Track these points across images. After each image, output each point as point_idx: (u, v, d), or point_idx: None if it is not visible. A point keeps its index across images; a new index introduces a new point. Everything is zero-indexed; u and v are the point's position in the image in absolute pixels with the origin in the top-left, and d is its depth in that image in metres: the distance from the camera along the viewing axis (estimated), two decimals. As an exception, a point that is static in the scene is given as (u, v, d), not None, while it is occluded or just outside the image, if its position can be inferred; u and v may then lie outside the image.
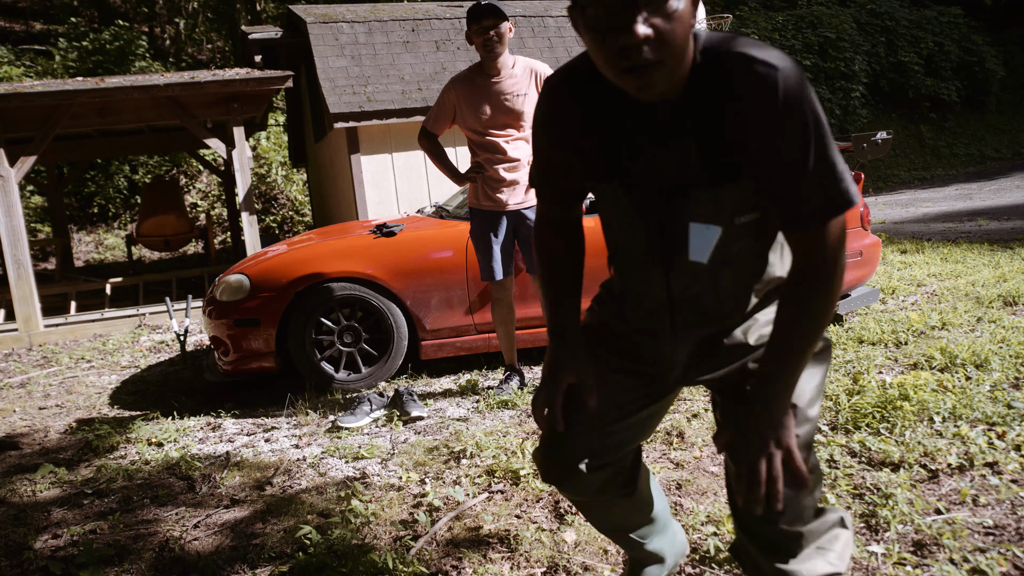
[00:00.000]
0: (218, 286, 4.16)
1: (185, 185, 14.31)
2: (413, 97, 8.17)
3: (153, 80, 7.19)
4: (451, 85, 3.66)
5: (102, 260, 13.13)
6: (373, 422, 3.55)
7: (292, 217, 14.12)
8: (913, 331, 4.18)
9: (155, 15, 17.87)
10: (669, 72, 1.14)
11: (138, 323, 7.13)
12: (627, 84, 1.15)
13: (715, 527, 2.20)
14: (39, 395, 4.79)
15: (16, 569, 2.35)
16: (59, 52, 13.99)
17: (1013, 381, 3.20)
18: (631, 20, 1.08)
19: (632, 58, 1.10)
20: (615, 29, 1.09)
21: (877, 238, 4.71)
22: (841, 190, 1.18)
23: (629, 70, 1.12)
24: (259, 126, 10.60)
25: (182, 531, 2.53)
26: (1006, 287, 4.90)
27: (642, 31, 1.08)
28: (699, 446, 2.88)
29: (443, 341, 4.27)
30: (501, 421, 3.39)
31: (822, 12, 18.00)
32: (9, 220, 6.76)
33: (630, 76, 1.13)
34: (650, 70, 1.12)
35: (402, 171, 8.35)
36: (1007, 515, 2.16)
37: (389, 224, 4.41)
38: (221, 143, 7.51)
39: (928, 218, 9.97)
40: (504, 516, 2.41)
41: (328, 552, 2.24)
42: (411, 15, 9.03)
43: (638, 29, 1.08)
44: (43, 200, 12.74)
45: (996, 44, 20.68)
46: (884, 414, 2.88)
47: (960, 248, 6.88)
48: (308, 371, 4.07)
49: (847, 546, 1.39)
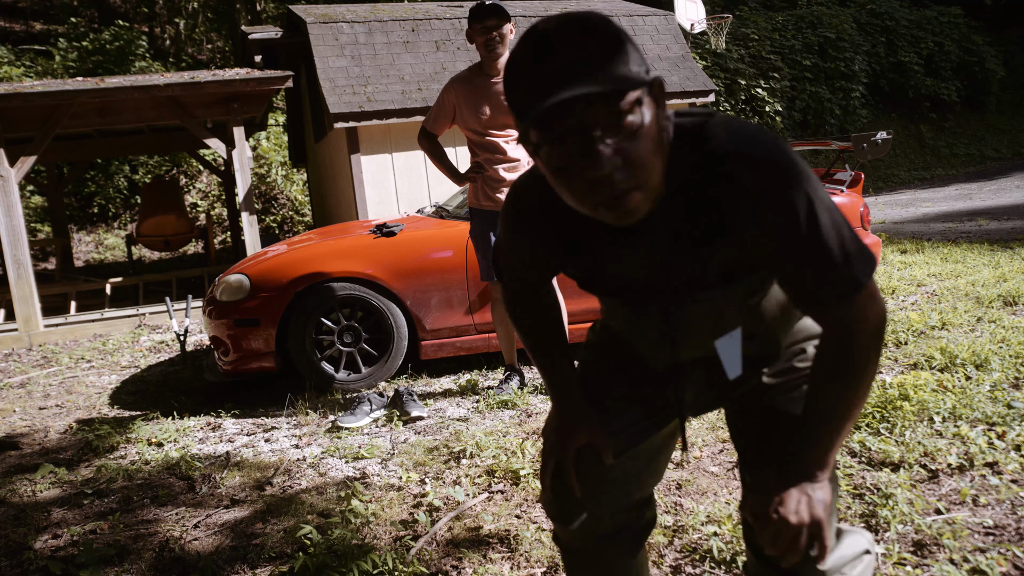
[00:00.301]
0: (218, 286, 4.16)
1: (185, 185, 14.31)
2: (413, 97, 8.18)
3: (153, 80, 7.20)
4: (451, 85, 3.66)
5: (102, 260, 13.12)
6: (373, 422, 3.55)
7: (292, 217, 14.12)
8: (913, 331, 4.18)
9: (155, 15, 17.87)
10: (648, 194, 1.04)
11: (138, 323, 7.13)
12: (605, 217, 1.05)
13: (715, 527, 2.20)
14: (39, 395, 4.79)
15: (16, 569, 2.35)
16: (59, 52, 13.99)
17: (1013, 381, 3.20)
18: (594, 151, 0.97)
19: (604, 191, 1.00)
20: (579, 164, 0.99)
21: (877, 238, 4.72)
22: (850, 274, 1.05)
23: (603, 203, 1.02)
24: (259, 126, 10.60)
25: (182, 531, 2.53)
26: (1006, 287, 4.90)
27: (609, 161, 0.98)
28: (699, 446, 2.88)
29: (443, 341, 4.27)
30: (501, 421, 3.39)
31: (822, 12, 18.00)
32: (9, 220, 6.76)
33: (606, 209, 1.02)
34: (626, 198, 1.01)
35: (402, 171, 8.35)
36: (1007, 515, 2.16)
37: (389, 224, 4.41)
38: (221, 143, 7.52)
39: (928, 218, 9.97)
40: (504, 516, 2.41)
41: (328, 552, 2.24)
42: (411, 15, 9.03)
43: (604, 159, 0.98)
44: (43, 200, 12.74)
45: (996, 44, 20.69)
46: (884, 414, 2.88)
47: (960, 248, 6.88)
48: (308, 371, 4.07)
49: (869, 567, 1.33)
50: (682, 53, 9.68)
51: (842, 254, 1.05)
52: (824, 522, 1.10)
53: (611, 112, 0.97)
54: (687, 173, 1.09)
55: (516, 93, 1.00)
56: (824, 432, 1.12)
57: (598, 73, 0.96)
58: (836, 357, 1.11)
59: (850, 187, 4.73)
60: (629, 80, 0.96)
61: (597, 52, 0.97)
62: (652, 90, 1.03)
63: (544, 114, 0.97)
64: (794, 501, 1.10)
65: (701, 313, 1.24)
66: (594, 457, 1.33)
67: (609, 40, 0.98)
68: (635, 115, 0.98)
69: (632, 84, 0.96)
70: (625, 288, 1.24)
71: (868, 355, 1.10)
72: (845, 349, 1.10)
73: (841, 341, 1.10)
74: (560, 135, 0.98)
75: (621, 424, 1.36)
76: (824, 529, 1.10)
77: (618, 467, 1.35)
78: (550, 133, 0.99)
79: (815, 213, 1.04)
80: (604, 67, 0.96)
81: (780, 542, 1.10)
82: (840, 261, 1.05)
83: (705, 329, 1.27)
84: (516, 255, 1.35)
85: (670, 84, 9.13)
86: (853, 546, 1.32)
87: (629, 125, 0.98)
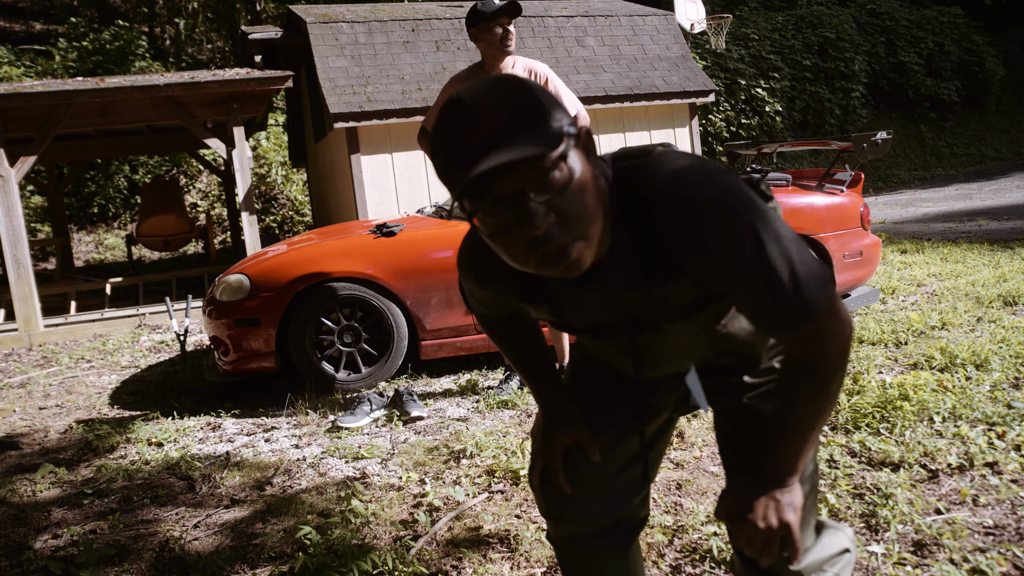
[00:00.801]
0: (218, 286, 4.16)
1: (185, 185, 14.31)
2: (413, 97, 8.18)
3: (153, 80, 7.20)
4: (450, 84, 3.66)
5: (102, 260, 13.13)
6: (373, 422, 3.55)
7: (292, 217, 14.12)
8: (913, 331, 4.18)
9: (155, 15, 17.88)
10: (591, 244, 1.04)
11: (138, 323, 7.13)
12: (551, 273, 1.05)
13: (715, 527, 2.20)
14: (39, 395, 4.79)
15: (16, 569, 2.35)
16: (59, 52, 13.99)
17: (1013, 381, 3.20)
18: (526, 212, 0.98)
19: (544, 248, 1.01)
20: (515, 226, 1.00)
21: (877, 238, 4.71)
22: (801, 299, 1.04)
23: (545, 261, 1.02)
24: (259, 126, 10.60)
25: (182, 531, 2.53)
26: (1006, 287, 4.90)
27: (543, 218, 0.99)
28: (699, 446, 2.88)
29: (443, 341, 4.27)
30: (501, 421, 3.39)
31: (822, 12, 18.01)
32: (9, 220, 6.76)
33: (550, 266, 1.03)
34: (568, 252, 1.02)
35: (402, 171, 8.35)
36: (1007, 515, 2.16)
37: (389, 224, 4.41)
38: (221, 143, 7.52)
39: (928, 218, 9.97)
40: (504, 516, 2.41)
41: (328, 552, 2.24)
42: (411, 15, 9.03)
43: (538, 219, 0.98)
44: (43, 200, 12.74)
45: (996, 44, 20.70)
46: (884, 414, 2.88)
47: (960, 248, 6.88)
48: (308, 371, 4.07)
49: (848, 566, 1.36)
50: (682, 53, 9.68)
51: (792, 282, 1.04)
52: (793, 525, 1.12)
53: (536, 172, 0.98)
54: (632, 216, 1.10)
55: (442, 165, 1.01)
56: (791, 440, 1.14)
57: (518, 137, 0.97)
58: (799, 373, 1.12)
59: (850, 187, 4.73)
60: (550, 139, 0.98)
61: (516, 117, 0.98)
62: (578, 142, 1.04)
63: (471, 184, 0.98)
64: (762, 507, 1.13)
65: (668, 342, 1.26)
66: (581, 456, 1.36)
67: (527, 103, 0.99)
68: (561, 171, 0.99)
69: (553, 142, 0.98)
70: (593, 327, 1.26)
71: (831, 370, 1.10)
72: (809, 366, 1.11)
73: (803, 359, 1.11)
74: (491, 201, 1.00)
75: (607, 422, 1.39)
76: (794, 532, 1.12)
77: (606, 465, 1.38)
78: (481, 201, 1.00)
79: (761, 243, 1.04)
80: (524, 131, 0.97)
81: (753, 545, 1.14)
82: (790, 288, 1.04)
83: (675, 354, 1.29)
84: (477, 300, 1.39)
85: (670, 84, 9.14)
86: (832, 545, 1.34)
87: (558, 181, 0.99)
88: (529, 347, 1.47)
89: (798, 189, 4.64)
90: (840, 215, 4.53)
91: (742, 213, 1.04)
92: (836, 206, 4.54)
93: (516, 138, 0.97)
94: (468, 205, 1.02)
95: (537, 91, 1.02)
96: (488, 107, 0.98)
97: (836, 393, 1.13)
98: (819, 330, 1.07)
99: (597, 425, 1.39)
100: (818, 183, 4.72)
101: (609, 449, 1.38)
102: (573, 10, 9.67)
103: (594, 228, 1.04)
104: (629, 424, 1.40)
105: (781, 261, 1.04)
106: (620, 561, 1.44)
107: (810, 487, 1.27)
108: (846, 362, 1.11)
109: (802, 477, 1.20)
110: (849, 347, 1.11)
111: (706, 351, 1.31)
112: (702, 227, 1.04)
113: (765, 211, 1.06)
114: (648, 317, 1.20)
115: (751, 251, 1.03)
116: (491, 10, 3.43)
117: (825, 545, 1.33)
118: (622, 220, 1.11)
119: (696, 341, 1.28)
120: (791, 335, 1.09)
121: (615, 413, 1.40)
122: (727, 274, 1.06)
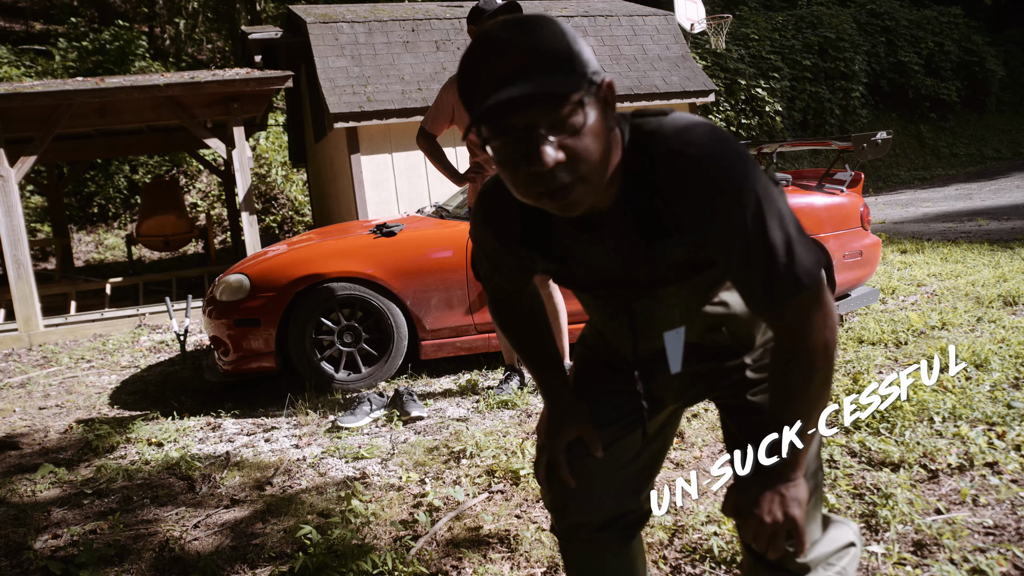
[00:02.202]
0: (218, 286, 4.16)
1: (185, 185, 14.31)
2: (413, 97, 8.18)
3: (153, 80, 7.19)
4: (449, 85, 3.66)
5: (102, 260, 13.13)
6: (373, 422, 3.55)
7: (292, 217, 14.13)
8: (913, 331, 4.18)
9: (155, 15, 17.88)
10: (593, 188, 1.08)
11: (138, 323, 7.13)
12: (548, 207, 1.10)
13: (715, 527, 2.20)
14: (39, 395, 4.79)
15: (16, 569, 2.35)
16: (59, 52, 13.99)
17: (1013, 381, 3.20)
18: (536, 147, 1.02)
19: (546, 184, 1.05)
20: (523, 158, 1.04)
21: (877, 238, 4.71)
22: (792, 273, 1.07)
23: (545, 195, 1.06)
24: (259, 126, 10.60)
25: (182, 531, 2.53)
26: (1006, 287, 4.90)
27: (552, 156, 1.02)
28: (699, 446, 2.88)
29: (443, 341, 4.27)
30: (501, 421, 3.39)
31: (822, 12, 18.01)
32: (9, 220, 6.76)
33: (548, 200, 1.07)
34: (569, 191, 1.06)
35: (402, 171, 8.35)
36: (1007, 515, 2.16)
37: (389, 224, 4.41)
38: (221, 143, 7.51)
39: (928, 218, 9.97)
40: (504, 516, 2.41)
41: (328, 552, 2.24)
42: (411, 15, 9.04)
43: (547, 156, 1.02)
44: (43, 200, 12.74)
45: (996, 44, 20.71)
46: (884, 414, 2.88)
47: (960, 248, 6.88)
48: (308, 371, 4.07)
49: (853, 560, 1.38)
50: (682, 53, 9.68)
51: (787, 258, 1.07)
52: (799, 519, 1.15)
53: (551, 111, 1.02)
54: (640, 171, 1.13)
55: (465, 90, 1.06)
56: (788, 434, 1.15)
57: (541, 75, 1.01)
58: (785, 361, 1.15)
59: (850, 187, 4.72)
60: (571, 83, 1.02)
61: (543, 55, 1.02)
62: (599, 91, 1.07)
63: (488, 111, 1.02)
64: (767, 502, 1.16)
65: (665, 308, 1.29)
66: (585, 450, 1.38)
67: (555, 44, 1.03)
68: (578, 115, 1.03)
69: (573, 87, 1.02)
70: (594, 283, 1.29)
71: (816, 359, 1.12)
72: (793, 353, 1.13)
73: (788, 345, 1.13)
74: (505, 131, 1.04)
75: (611, 416, 1.41)
76: (800, 526, 1.15)
77: (609, 459, 1.40)
78: (496, 129, 1.04)
79: (763, 216, 1.07)
80: (548, 70, 1.02)
81: (760, 539, 1.16)
82: (784, 263, 1.07)
83: (671, 324, 1.32)
84: (485, 256, 1.39)
85: (670, 84, 9.14)
86: (838, 539, 1.36)
87: (571, 124, 1.03)
88: (535, 338, 1.49)
89: (798, 189, 4.64)
90: (840, 215, 4.53)
91: (750, 184, 1.07)
92: (836, 206, 4.54)
93: (536, 76, 1.01)
94: (484, 132, 1.06)
95: (568, 36, 1.05)
96: (517, 43, 1.02)
97: (822, 389, 1.15)
98: (804, 311, 1.10)
99: (601, 419, 1.41)
100: (818, 183, 4.72)
101: (613, 443, 1.40)
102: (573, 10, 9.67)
103: (599, 174, 1.08)
104: (633, 418, 1.42)
105: (779, 236, 1.07)
106: (622, 554, 1.47)
107: (815, 483, 1.29)
108: (831, 358, 1.13)
109: (806, 473, 1.22)
110: (834, 342, 1.13)
111: (700, 323, 1.32)
112: (708, 191, 1.07)
113: (772, 188, 1.09)
114: (644, 276, 1.22)
115: (752, 221, 1.07)
116: (493, 8, 3.45)
117: (832, 538, 1.35)
118: (630, 172, 1.14)
119: (690, 310, 1.30)
120: (776, 313, 1.11)
121: (619, 407, 1.42)
122: (725, 240, 1.09)
